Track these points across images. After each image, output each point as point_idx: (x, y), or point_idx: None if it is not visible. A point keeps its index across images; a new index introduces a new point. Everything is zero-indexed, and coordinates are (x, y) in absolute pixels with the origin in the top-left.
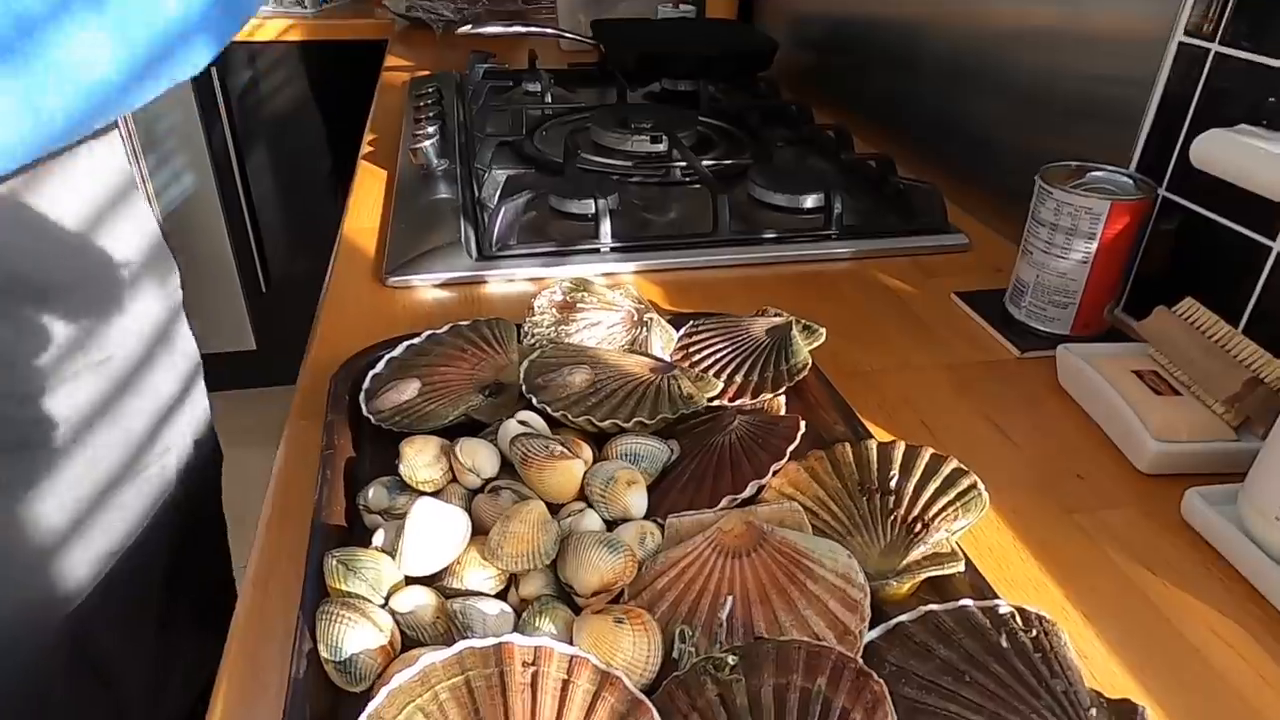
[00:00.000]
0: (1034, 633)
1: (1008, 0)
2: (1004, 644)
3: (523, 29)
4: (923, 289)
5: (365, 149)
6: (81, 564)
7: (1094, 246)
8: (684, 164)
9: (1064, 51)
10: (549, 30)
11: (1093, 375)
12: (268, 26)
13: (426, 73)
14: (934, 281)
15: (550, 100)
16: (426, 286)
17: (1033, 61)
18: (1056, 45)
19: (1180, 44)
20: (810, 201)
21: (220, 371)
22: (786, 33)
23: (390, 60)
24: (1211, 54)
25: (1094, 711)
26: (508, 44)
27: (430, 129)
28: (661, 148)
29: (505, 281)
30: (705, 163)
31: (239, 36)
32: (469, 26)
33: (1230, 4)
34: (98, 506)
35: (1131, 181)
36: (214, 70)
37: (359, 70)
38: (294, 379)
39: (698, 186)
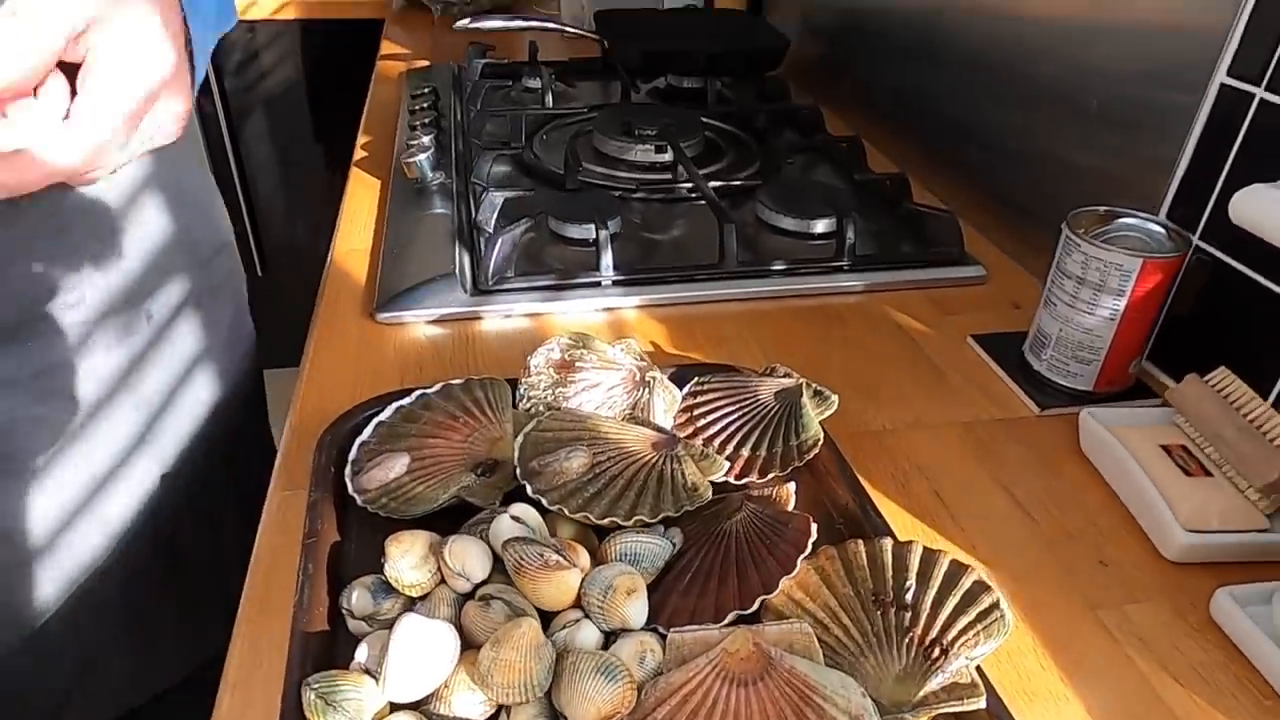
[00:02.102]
0: None
1: None
2: None
3: (524, 23)
4: (938, 329)
5: (359, 153)
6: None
7: (1123, 304)
8: (689, 187)
9: (1098, 48)
10: (551, 25)
11: (1118, 449)
12: (262, 3)
13: (424, 63)
14: (949, 320)
15: (551, 100)
16: (419, 323)
17: (1061, 61)
18: (1090, 41)
19: (1222, 85)
20: (821, 226)
21: None
22: (798, 24)
23: (386, 46)
24: (1256, 100)
25: None
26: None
27: (425, 139)
28: (666, 158)
29: (502, 317)
30: (712, 182)
31: (251, 13)
32: (468, 20)
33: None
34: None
35: (1164, 231)
36: None
37: (355, 50)
38: (293, 362)
39: (704, 203)
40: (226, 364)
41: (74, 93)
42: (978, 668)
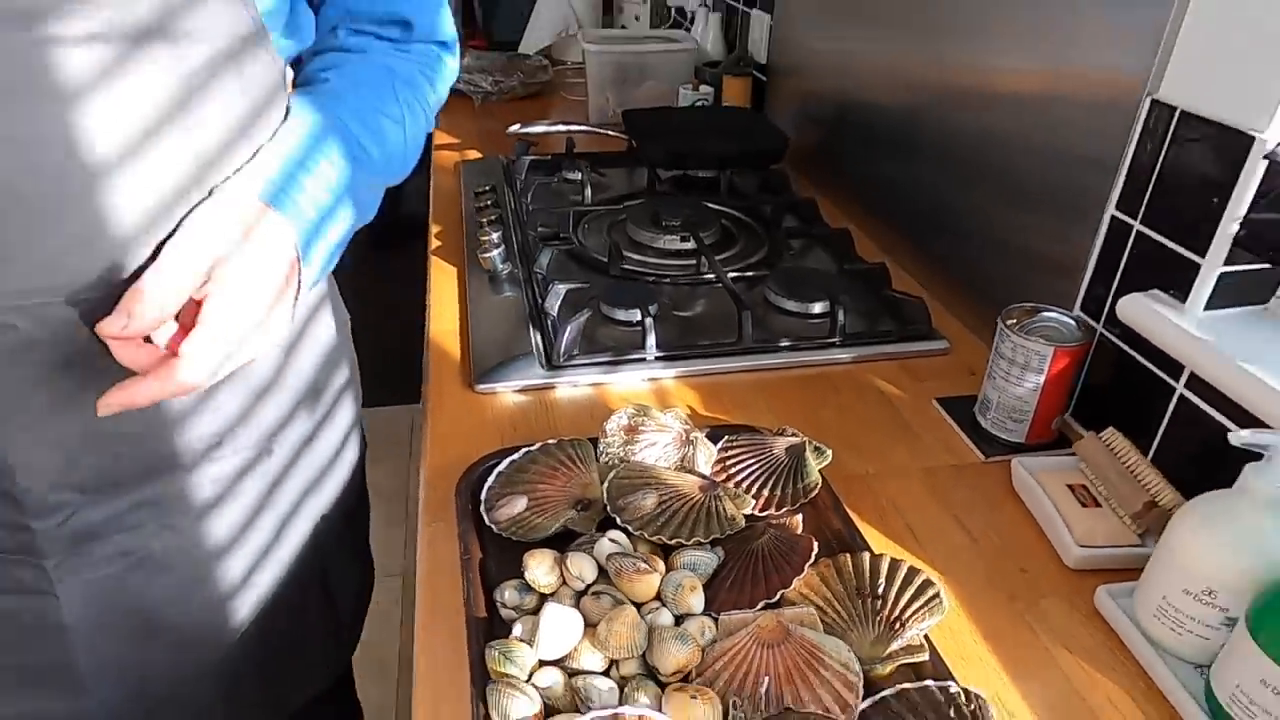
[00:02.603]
0: (972, 706)
1: (996, 103)
2: (951, 714)
3: (565, 128)
4: (910, 393)
5: (434, 242)
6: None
7: (1042, 379)
8: (710, 275)
9: (1035, 166)
10: (585, 128)
11: (1036, 489)
12: None
13: (476, 154)
14: (919, 386)
15: (590, 192)
16: (507, 392)
17: (1009, 164)
18: (1028, 157)
19: (1112, 217)
20: (818, 308)
21: None
22: (795, 118)
23: (441, 137)
24: (1134, 231)
25: None
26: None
27: (494, 235)
28: (690, 246)
29: (571, 387)
30: (729, 269)
31: None
32: (518, 126)
33: (1154, 178)
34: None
35: (1075, 323)
36: None
37: None
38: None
39: (721, 289)
40: (339, 463)
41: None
42: (925, 636)
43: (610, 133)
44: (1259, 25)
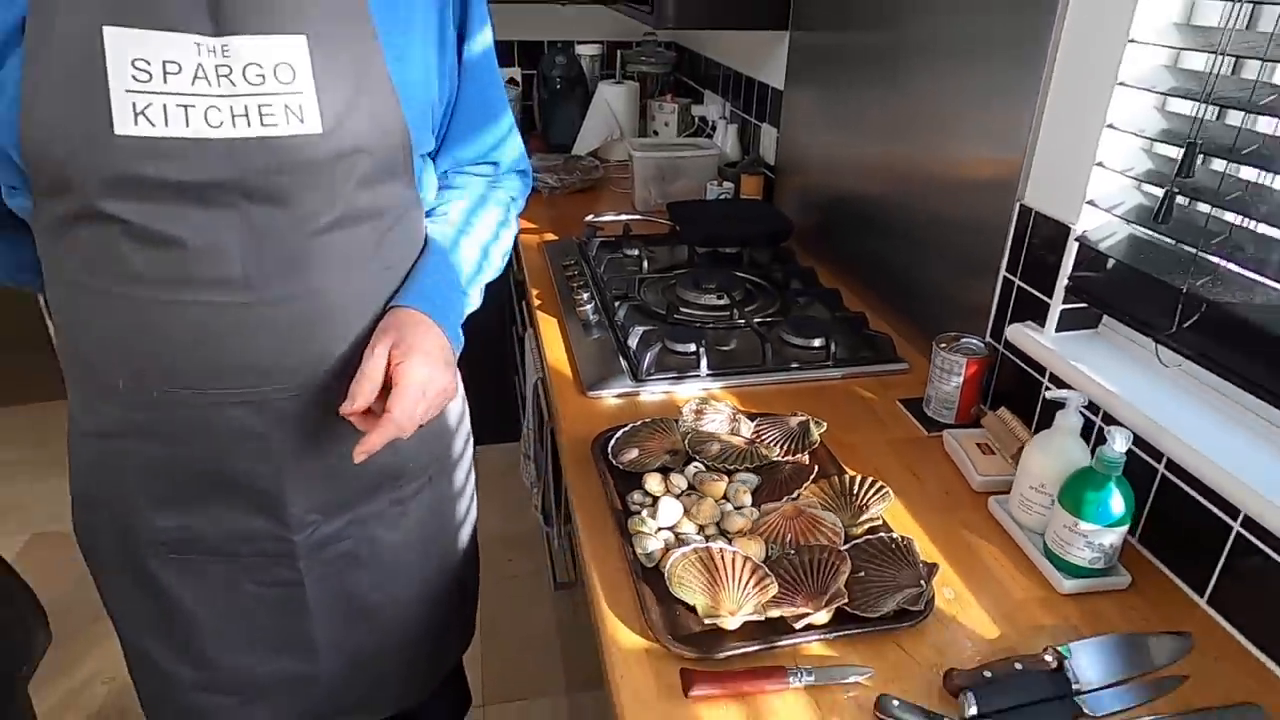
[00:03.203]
0: (904, 543)
1: (939, 195)
2: (893, 548)
3: (628, 217)
4: (880, 397)
5: (535, 301)
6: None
7: (961, 380)
8: (741, 321)
9: (961, 234)
10: (637, 216)
11: (957, 448)
12: None
13: (553, 237)
14: (886, 392)
15: (646, 264)
16: (609, 395)
17: (945, 239)
18: (959, 228)
19: (1004, 276)
20: (817, 343)
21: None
22: (798, 206)
23: (520, 221)
24: (1016, 285)
25: (922, 564)
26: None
27: (584, 295)
28: (724, 301)
29: (650, 393)
30: (755, 318)
31: None
32: (592, 216)
33: (1024, 252)
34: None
35: (982, 344)
36: None
37: None
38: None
39: (750, 331)
40: (468, 487)
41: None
42: (881, 516)
43: (656, 219)
44: (1068, 158)
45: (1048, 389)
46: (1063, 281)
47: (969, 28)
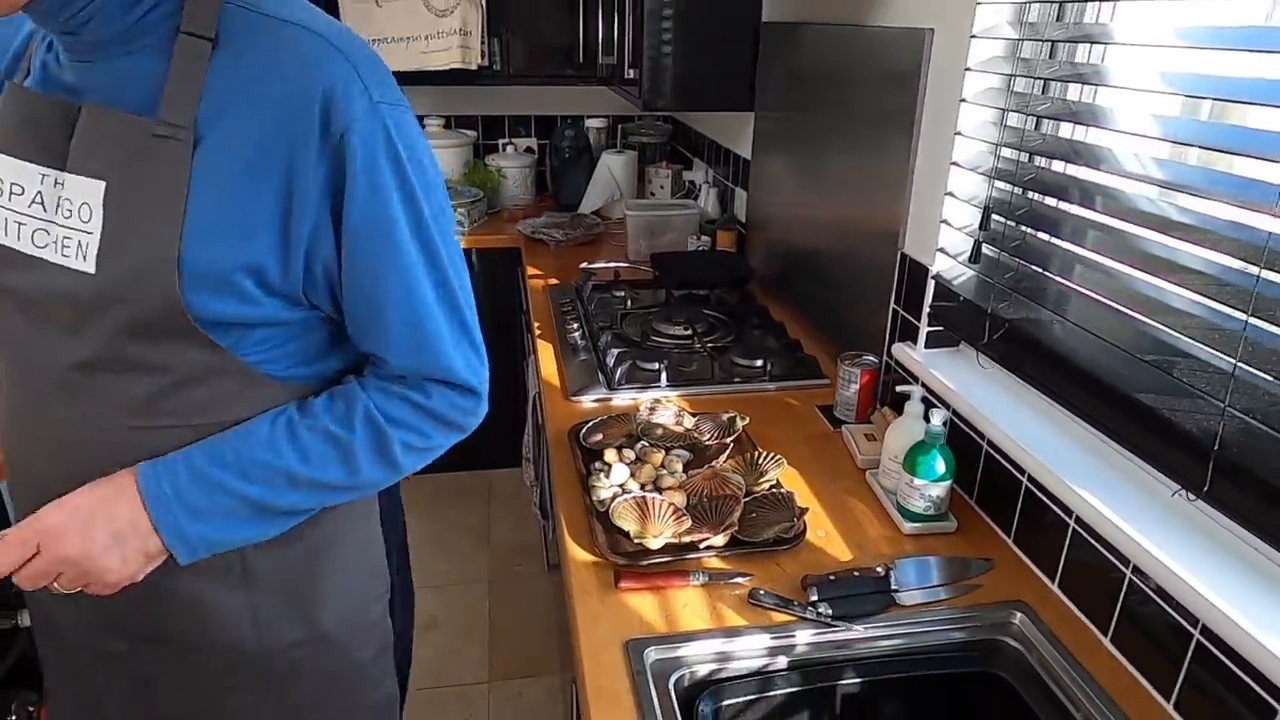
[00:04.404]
0: (787, 495)
1: (855, 244)
2: (779, 499)
3: (617, 264)
4: (803, 404)
5: (537, 330)
6: None
7: (858, 386)
8: (699, 347)
9: (869, 276)
10: (625, 264)
11: (850, 438)
12: None
13: (555, 281)
14: (810, 401)
15: (630, 303)
16: (587, 400)
17: (861, 280)
18: (868, 272)
19: (894, 309)
20: (759, 363)
21: None
22: (762, 255)
23: (529, 269)
24: (900, 314)
25: (797, 508)
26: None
27: (574, 326)
28: (688, 332)
29: (619, 399)
30: (710, 343)
31: None
32: (586, 263)
33: (904, 293)
34: None
35: (875, 359)
36: None
37: (500, 266)
38: (438, 470)
39: (705, 355)
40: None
41: None
42: (776, 479)
43: (642, 267)
44: (926, 216)
45: (920, 392)
46: (925, 309)
47: (867, 109)
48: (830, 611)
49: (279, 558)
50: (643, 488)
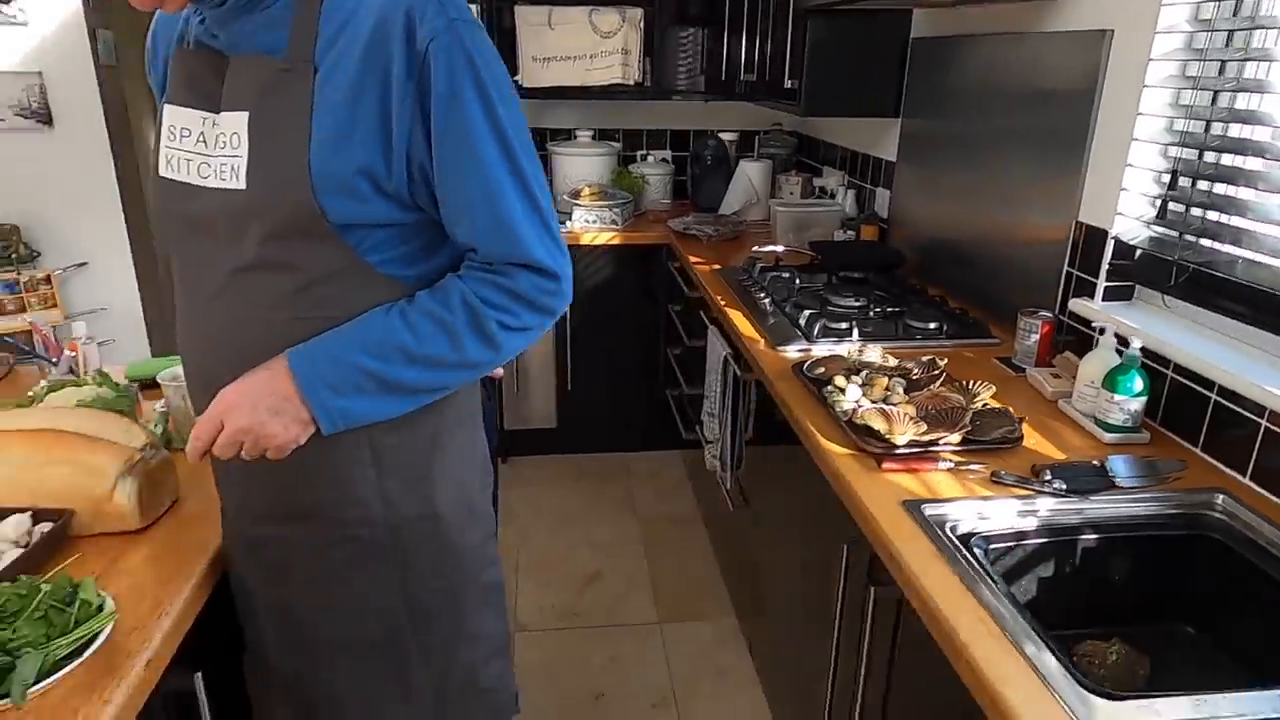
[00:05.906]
0: (1000, 407)
1: (1005, 235)
2: (996, 412)
3: (780, 248)
4: (980, 357)
5: (720, 302)
6: None
7: (1038, 337)
8: (874, 314)
9: (1026, 249)
10: (784, 248)
11: (1037, 375)
12: (601, 235)
13: (718, 266)
14: (985, 354)
15: (798, 282)
16: (791, 350)
17: (1012, 260)
18: (1020, 246)
19: (1065, 272)
20: (934, 325)
21: (531, 440)
22: (905, 246)
23: (691, 258)
24: (1075, 274)
25: (1014, 418)
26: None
27: (761, 295)
28: (861, 303)
29: (817, 350)
30: (881, 311)
31: (584, 240)
32: (756, 247)
33: (1079, 255)
34: None
35: (1051, 314)
36: None
37: (647, 261)
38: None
39: (882, 318)
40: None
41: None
42: (987, 400)
43: (801, 252)
44: (1105, 186)
45: (1099, 332)
46: (1104, 266)
47: (1039, 109)
48: (1065, 486)
49: (404, 442)
50: (873, 404)
